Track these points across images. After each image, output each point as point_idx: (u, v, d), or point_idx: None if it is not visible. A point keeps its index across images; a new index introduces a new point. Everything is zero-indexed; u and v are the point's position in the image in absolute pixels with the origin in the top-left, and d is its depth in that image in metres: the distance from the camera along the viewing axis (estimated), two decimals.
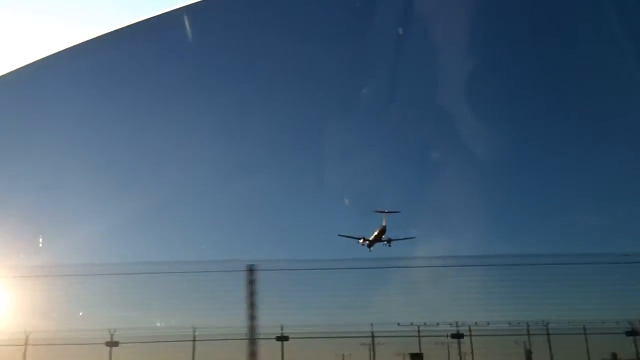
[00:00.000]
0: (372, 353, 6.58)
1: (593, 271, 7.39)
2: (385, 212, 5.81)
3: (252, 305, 6.63)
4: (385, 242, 6.42)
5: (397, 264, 6.82)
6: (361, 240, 6.62)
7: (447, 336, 6.69)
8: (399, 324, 6.49)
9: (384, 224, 5.80)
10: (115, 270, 7.58)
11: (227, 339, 7.14)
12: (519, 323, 7.45)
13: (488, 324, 7.30)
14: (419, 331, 6.56)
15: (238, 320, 6.87)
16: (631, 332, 8.33)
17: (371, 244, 6.50)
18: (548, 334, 6.66)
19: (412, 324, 6.60)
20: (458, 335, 6.58)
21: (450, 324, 7.01)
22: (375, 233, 6.41)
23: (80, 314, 7.58)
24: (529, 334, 7.97)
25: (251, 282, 6.66)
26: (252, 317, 6.44)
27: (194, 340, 7.29)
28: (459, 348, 6.86)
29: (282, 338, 6.66)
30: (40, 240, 8.74)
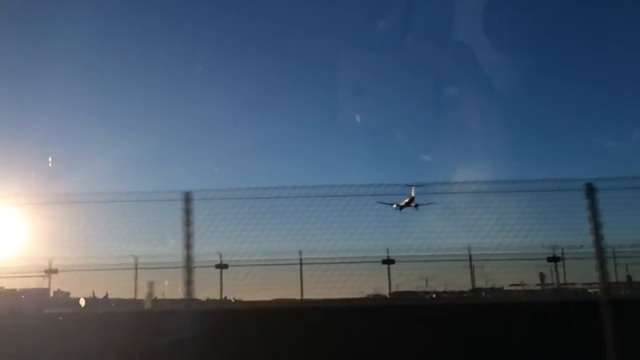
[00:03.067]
0: None
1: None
2: (413, 185, 6.55)
3: None
4: (413, 207, 8.48)
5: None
6: (394, 206, 9.08)
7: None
8: None
9: (412, 195, 7.30)
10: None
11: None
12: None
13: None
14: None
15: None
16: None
17: (402, 208, 8.10)
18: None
19: None
20: None
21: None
22: (406, 200, 8.24)
23: None
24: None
25: None
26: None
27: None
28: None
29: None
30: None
